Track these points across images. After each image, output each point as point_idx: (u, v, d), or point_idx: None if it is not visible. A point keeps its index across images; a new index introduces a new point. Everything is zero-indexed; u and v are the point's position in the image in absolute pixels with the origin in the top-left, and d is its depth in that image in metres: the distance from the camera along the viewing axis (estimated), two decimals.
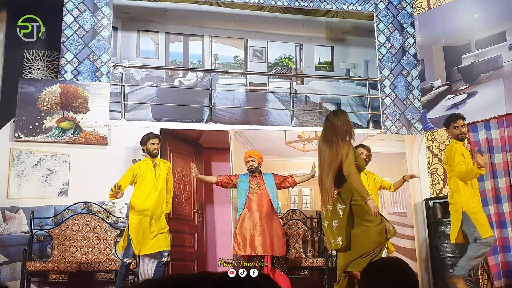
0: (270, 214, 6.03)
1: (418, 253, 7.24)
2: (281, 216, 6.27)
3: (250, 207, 6.03)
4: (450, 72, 7.73)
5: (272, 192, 6.12)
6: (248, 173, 6.23)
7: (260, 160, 6.23)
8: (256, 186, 6.12)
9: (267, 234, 5.92)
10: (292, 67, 8.45)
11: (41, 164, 6.33)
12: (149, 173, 5.68)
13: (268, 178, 6.24)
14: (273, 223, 6.02)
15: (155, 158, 5.81)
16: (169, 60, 7.95)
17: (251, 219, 5.98)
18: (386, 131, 7.82)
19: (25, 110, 6.44)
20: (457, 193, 5.33)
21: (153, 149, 5.75)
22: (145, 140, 5.80)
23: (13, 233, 6.10)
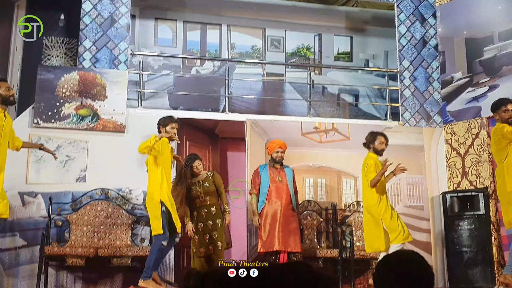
0: (289, 209, 6.16)
1: (434, 247, 7.40)
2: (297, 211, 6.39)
3: (271, 200, 6.19)
4: (471, 64, 7.81)
5: (291, 186, 6.24)
6: (269, 164, 6.35)
7: (284, 148, 6.35)
8: (278, 180, 6.28)
9: (285, 229, 6.04)
10: (310, 57, 8.59)
11: (59, 150, 6.65)
12: (168, 155, 5.73)
13: (289, 171, 6.36)
14: (292, 218, 6.16)
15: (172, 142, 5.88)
16: (186, 49, 8.16)
17: (272, 214, 6.12)
18: (405, 123, 7.96)
19: (44, 96, 6.76)
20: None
21: (172, 133, 5.76)
22: (166, 122, 5.79)
23: (31, 218, 6.43)
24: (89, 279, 6.39)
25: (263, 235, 6.11)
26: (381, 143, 6.01)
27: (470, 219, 7.13)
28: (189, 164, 6.19)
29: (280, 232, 6.03)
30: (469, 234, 7.10)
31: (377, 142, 6.01)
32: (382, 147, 6.02)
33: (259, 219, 6.17)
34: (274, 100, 8.18)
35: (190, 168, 6.19)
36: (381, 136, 6.08)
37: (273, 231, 6.06)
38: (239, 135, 7.40)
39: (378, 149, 6.01)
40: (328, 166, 7.50)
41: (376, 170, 5.84)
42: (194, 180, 6.25)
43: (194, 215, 6.25)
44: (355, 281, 6.74)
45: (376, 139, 6.02)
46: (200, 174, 6.28)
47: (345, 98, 8.42)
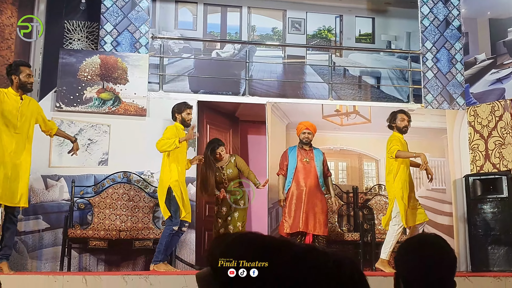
0: (316, 191, 6.07)
1: (456, 230, 7.29)
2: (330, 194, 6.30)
3: (297, 181, 6.10)
4: (495, 45, 7.64)
5: (320, 168, 6.15)
6: (298, 145, 6.26)
7: (314, 133, 6.25)
8: (305, 161, 6.18)
9: (310, 211, 5.97)
10: (332, 39, 8.45)
11: (81, 133, 6.62)
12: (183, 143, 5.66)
13: (318, 153, 6.25)
14: (318, 201, 6.06)
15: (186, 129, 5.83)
16: (207, 32, 8.07)
17: (297, 194, 6.05)
18: (427, 105, 7.82)
19: (66, 80, 6.72)
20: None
21: (188, 119, 5.76)
22: (181, 108, 5.77)
23: (54, 201, 6.43)
24: (112, 261, 6.38)
25: (287, 216, 6.05)
26: (402, 120, 5.88)
27: (493, 202, 6.99)
28: (212, 150, 6.13)
29: (304, 213, 5.96)
30: (492, 217, 6.96)
31: (398, 120, 5.89)
32: (404, 123, 5.88)
33: (285, 200, 6.09)
34: (294, 83, 8.07)
35: (214, 154, 6.13)
36: (401, 114, 5.95)
37: (297, 212, 5.99)
38: (260, 118, 7.32)
39: (400, 127, 5.88)
40: (349, 149, 7.38)
41: (400, 145, 5.68)
42: (218, 165, 6.20)
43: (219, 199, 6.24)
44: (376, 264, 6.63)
45: (396, 117, 5.91)
46: (223, 159, 6.22)
47: (367, 81, 8.27)
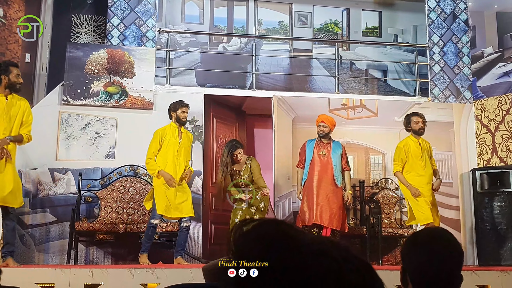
0: (330, 185, 5.92)
1: (463, 224, 7.16)
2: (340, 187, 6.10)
3: (312, 175, 5.96)
4: (502, 39, 7.51)
5: (337, 162, 5.99)
6: (317, 139, 6.14)
7: (332, 127, 6.06)
8: (321, 154, 6.04)
9: (325, 204, 5.83)
10: (338, 33, 8.31)
11: (88, 127, 6.52)
12: (173, 140, 5.59)
13: (336, 147, 6.08)
14: (333, 195, 5.90)
15: (181, 127, 5.72)
16: (213, 26, 7.95)
17: (312, 188, 5.91)
18: (434, 99, 7.68)
19: (73, 74, 6.60)
20: None
21: (183, 117, 5.64)
22: (176, 107, 5.66)
23: (61, 194, 6.33)
24: (118, 254, 6.28)
25: (303, 208, 5.94)
26: (416, 123, 5.91)
27: (500, 196, 6.86)
28: (230, 152, 5.76)
29: (318, 206, 5.82)
30: (499, 211, 6.83)
31: (413, 123, 5.93)
32: (419, 125, 5.91)
33: (302, 192, 5.99)
34: (301, 76, 7.93)
35: (231, 156, 5.78)
36: (415, 116, 5.98)
37: (311, 205, 5.86)
38: (266, 111, 7.20)
39: (416, 129, 5.93)
40: (356, 143, 7.25)
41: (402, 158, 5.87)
42: (234, 167, 5.86)
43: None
44: (382, 258, 6.52)
45: (411, 121, 5.94)
46: (241, 162, 5.87)
47: (374, 74, 8.12)
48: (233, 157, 5.77)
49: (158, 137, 5.59)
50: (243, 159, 5.85)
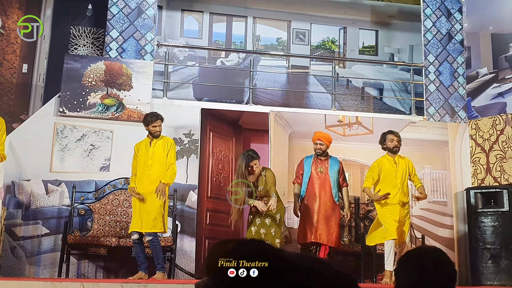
0: (329, 202, 5.68)
1: (457, 243, 6.99)
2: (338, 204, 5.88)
3: (311, 192, 5.73)
4: (497, 60, 7.39)
5: (334, 178, 5.75)
6: (314, 155, 5.91)
7: (328, 144, 5.82)
8: (319, 171, 5.81)
9: (323, 222, 5.59)
10: (335, 50, 8.18)
11: (84, 139, 6.29)
12: (143, 152, 5.34)
13: (333, 163, 5.84)
14: (332, 212, 5.66)
15: (157, 138, 5.39)
16: (212, 40, 7.79)
17: (310, 205, 5.67)
18: (429, 118, 7.53)
19: (70, 85, 6.39)
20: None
21: (154, 131, 5.34)
22: (147, 121, 5.38)
23: (54, 206, 6.09)
24: (111, 268, 6.02)
25: (301, 226, 5.71)
26: (391, 141, 5.72)
27: (494, 215, 6.69)
28: (246, 163, 5.26)
29: (316, 223, 5.57)
30: (493, 231, 6.66)
31: (388, 141, 5.75)
32: (394, 144, 5.72)
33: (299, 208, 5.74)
34: (298, 92, 7.77)
35: (247, 167, 5.27)
36: (390, 134, 5.78)
37: (310, 222, 5.61)
38: (263, 127, 7.01)
39: (391, 147, 5.73)
40: (352, 160, 7.05)
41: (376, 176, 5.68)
42: (249, 179, 5.36)
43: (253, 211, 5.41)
44: (377, 276, 6.27)
45: (386, 139, 5.77)
46: (256, 173, 5.37)
47: (370, 92, 7.97)
48: (248, 168, 5.28)
49: (135, 151, 5.39)
50: (258, 170, 5.36)
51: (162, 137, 5.46)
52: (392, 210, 5.53)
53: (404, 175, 5.73)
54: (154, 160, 5.30)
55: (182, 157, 6.52)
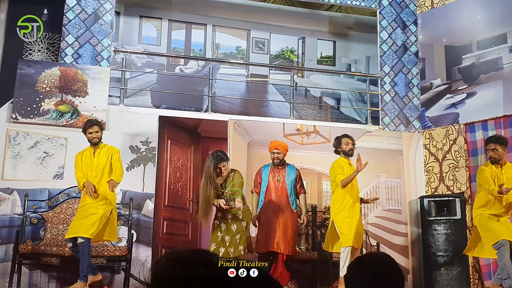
0: (286, 210, 5.68)
1: (411, 251, 7.09)
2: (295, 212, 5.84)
3: (268, 201, 5.71)
4: (450, 71, 7.55)
5: (291, 186, 5.76)
6: (271, 164, 5.89)
7: (285, 152, 5.82)
8: (276, 180, 5.79)
9: (282, 231, 5.57)
10: (294, 60, 8.23)
11: (37, 146, 6.11)
12: (87, 163, 5.22)
13: (290, 171, 5.85)
14: (289, 221, 5.65)
15: (97, 146, 5.28)
16: (171, 48, 7.71)
17: (268, 214, 5.64)
18: (384, 127, 7.63)
19: (23, 91, 6.20)
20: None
21: (91, 138, 5.23)
22: (84, 129, 5.29)
23: (6, 215, 5.88)
24: (64, 278, 5.83)
25: (259, 235, 5.66)
26: (346, 144, 5.73)
27: (447, 223, 6.84)
28: (215, 165, 5.09)
29: (275, 233, 5.55)
30: (446, 238, 6.80)
31: (343, 144, 5.74)
32: (349, 147, 5.71)
33: (258, 218, 5.71)
34: (257, 101, 7.77)
35: (215, 169, 5.10)
36: (346, 138, 5.80)
37: (269, 232, 5.59)
38: (222, 135, 6.97)
39: (346, 150, 5.72)
40: (309, 168, 7.09)
41: (342, 171, 5.56)
42: (217, 181, 5.22)
43: (218, 216, 5.28)
44: (333, 284, 6.30)
45: (341, 142, 5.77)
46: (224, 175, 5.22)
47: (327, 101, 8.04)
48: (216, 170, 5.11)
49: (79, 160, 5.24)
50: (226, 172, 5.22)
51: (105, 145, 5.33)
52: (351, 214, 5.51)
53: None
54: (98, 171, 5.17)
55: (139, 165, 6.42)
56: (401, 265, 6.70)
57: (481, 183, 5.35)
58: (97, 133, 5.24)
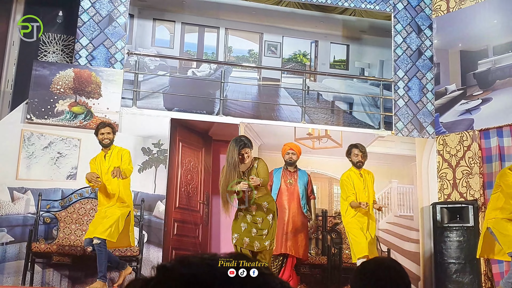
0: (298, 213, 5.87)
1: (422, 257, 7.21)
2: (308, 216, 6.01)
3: (280, 203, 5.84)
4: (465, 76, 7.65)
5: (303, 190, 5.95)
6: (283, 166, 6.03)
7: (299, 154, 5.99)
8: (288, 182, 5.97)
9: (292, 233, 5.74)
10: (306, 64, 8.42)
11: (51, 147, 6.40)
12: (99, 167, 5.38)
13: (302, 175, 6.04)
14: (300, 224, 5.82)
15: (108, 148, 5.42)
16: (183, 50, 7.96)
17: (280, 217, 5.73)
18: (397, 133, 7.77)
19: (38, 92, 6.51)
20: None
21: (102, 139, 5.37)
22: (96, 130, 5.44)
23: (20, 214, 6.17)
24: (75, 277, 6.12)
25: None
26: (355, 155, 5.82)
27: (459, 230, 6.94)
28: (238, 150, 4.91)
29: (286, 235, 5.75)
30: (458, 245, 6.90)
31: (352, 155, 5.84)
32: (358, 159, 5.81)
33: None
34: (268, 104, 7.98)
35: (239, 155, 4.90)
36: (355, 148, 5.88)
37: (279, 233, 5.75)
38: (233, 138, 7.12)
39: (354, 162, 5.83)
40: (320, 173, 7.27)
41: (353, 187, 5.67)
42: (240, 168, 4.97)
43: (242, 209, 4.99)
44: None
45: (351, 153, 5.86)
46: (246, 162, 4.98)
47: (339, 106, 8.23)
48: (239, 156, 4.92)
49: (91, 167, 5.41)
50: (249, 160, 5.00)
51: (115, 147, 5.47)
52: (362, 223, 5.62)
53: (371, 189, 5.95)
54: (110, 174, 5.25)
55: (151, 167, 6.69)
56: (412, 272, 6.89)
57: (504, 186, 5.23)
58: (108, 135, 5.39)
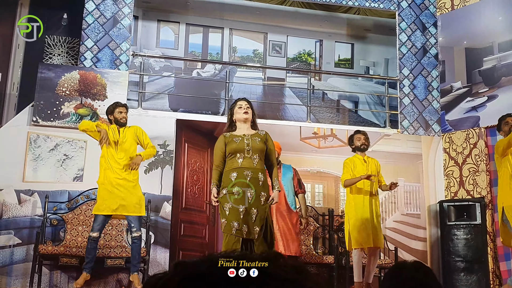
0: (286, 211, 5.88)
1: (430, 256, 7.24)
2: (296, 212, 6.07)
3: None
4: (471, 74, 7.68)
5: (288, 186, 5.94)
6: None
7: (279, 151, 6.01)
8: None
9: (281, 232, 5.80)
10: (311, 63, 8.48)
11: (57, 149, 6.48)
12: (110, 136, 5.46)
13: (286, 171, 6.03)
14: (288, 220, 5.86)
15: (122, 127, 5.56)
16: (188, 51, 8.04)
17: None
18: (403, 131, 7.81)
19: (43, 95, 6.59)
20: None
21: (121, 118, 5.52)
22: (111, 109, 5.55)
23: (27, 216, 6.25)
24: None
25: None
26: (358, 139, 5.93)
27: (467, 228, 6.97)
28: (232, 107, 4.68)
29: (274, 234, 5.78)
30: (465, 243, 6.93)
31: (355, 139, 5.96)
32: (361, 142, 5.91)
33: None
34: (274, 104, 8.04)
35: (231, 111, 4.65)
36: (357, 134, 6.00)
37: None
38: None
39: (358, 145, 5.92)
40: (326, 172, 7.33)
41: (352, 169, 5.75)
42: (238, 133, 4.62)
43: (230, 178, 4.43)
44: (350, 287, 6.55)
45: (353, 139, 5.99)
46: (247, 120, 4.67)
47: (345, 105, 8.28)
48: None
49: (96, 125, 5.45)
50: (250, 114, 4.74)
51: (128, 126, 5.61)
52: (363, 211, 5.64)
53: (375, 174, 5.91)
54: (126, 145, 5.41)
55: (157, 168, 6.76)
56: None
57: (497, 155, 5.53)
58: (126, 113, 5.58)
